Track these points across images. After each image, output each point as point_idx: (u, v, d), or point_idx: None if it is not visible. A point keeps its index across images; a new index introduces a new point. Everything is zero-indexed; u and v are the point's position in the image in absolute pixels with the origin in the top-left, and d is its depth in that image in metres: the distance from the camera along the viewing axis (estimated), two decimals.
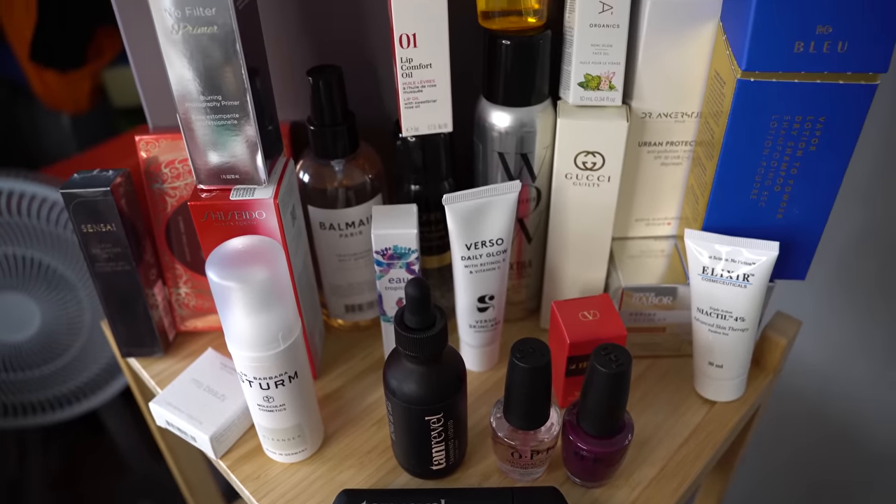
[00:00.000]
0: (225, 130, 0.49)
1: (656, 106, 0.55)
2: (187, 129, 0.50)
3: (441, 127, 0.54)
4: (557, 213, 0.58)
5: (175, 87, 0.48)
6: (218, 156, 0.51)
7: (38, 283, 1.03)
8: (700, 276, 0.54)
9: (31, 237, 1.01)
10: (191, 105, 0.49)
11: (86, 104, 1.64)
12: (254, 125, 0.49)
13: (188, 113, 0.49)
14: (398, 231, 0.53)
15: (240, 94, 0.48)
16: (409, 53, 0.51)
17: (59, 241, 1.01)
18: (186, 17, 0.45)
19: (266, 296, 0.46)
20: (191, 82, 0.48)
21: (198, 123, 0.49)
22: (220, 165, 0.51)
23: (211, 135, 0.50)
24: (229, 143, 0.50)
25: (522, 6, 0.52)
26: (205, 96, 0.48)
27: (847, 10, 0.46)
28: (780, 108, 0.49)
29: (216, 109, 0.49)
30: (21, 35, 1.48)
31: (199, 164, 0.51)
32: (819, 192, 0.53)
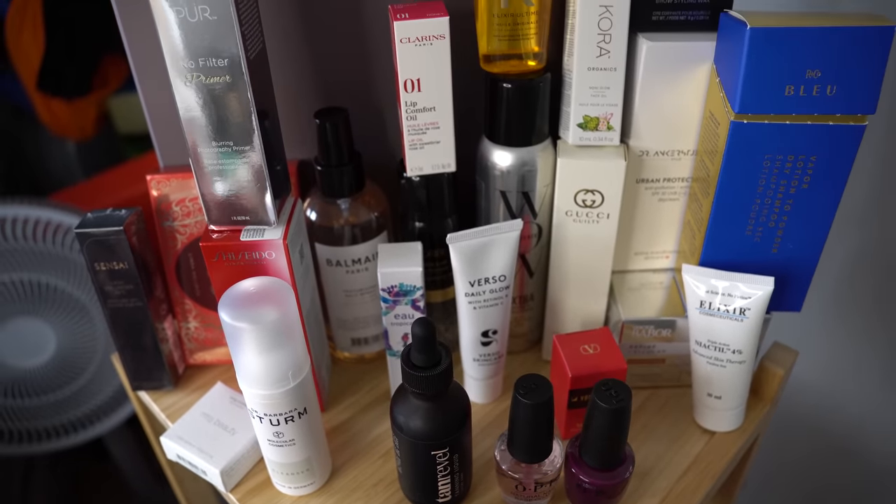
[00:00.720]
0: (236, 174, 0.51)
1: (653, 144, 0.57)
2: (199, 173, 0.51)
3: (445, 167, 0.56)
4: (558, 248, 0.59)
5: (187, 133, 0.49)
6: (229, 198, 0.52)
7: (53, 308, 1.04)
8: (698, 309, 0.55)
9: (44, 262, 1.02)
10: (203, 150, 0.50)
11: (91, 131, 1.65)
12: (264, 168, 0.51)
13: (200, 158, 0.51)
14: (403, 269, 0.54)
15: (250, 139, 0.50)
16: (413, 98, 0.53)
17: (72, 266, 1.03)
18: (200, 67, 0.47)
19: (277, 336, 0.47)
20: (203, 128, 0.49)
21: (209, 167, 0.51)
22: (231, 207, 0.53)
23: (222, 178, 0.51)
24: (240, 186, 0.52)
25: (523, 50, 0.53)
26: (216, 141, 0.50)
27: (835, 56, 0.47)
28: (773, 148, 0.51)
29: (227, 154, 0.50)
30: (28, 63, 1.50)
31: (210, 206, 0.53)
32: (812, 227, 0.54)
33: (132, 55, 0.58)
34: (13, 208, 1.01)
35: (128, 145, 1.75)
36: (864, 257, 0.88)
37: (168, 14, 0.45)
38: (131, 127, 1.70)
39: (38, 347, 1.06)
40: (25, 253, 1.01)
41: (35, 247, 1.02)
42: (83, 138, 1.66)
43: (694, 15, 0.54)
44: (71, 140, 1.69)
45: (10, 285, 1.01)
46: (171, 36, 0.46)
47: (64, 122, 1.60)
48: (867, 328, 0.91)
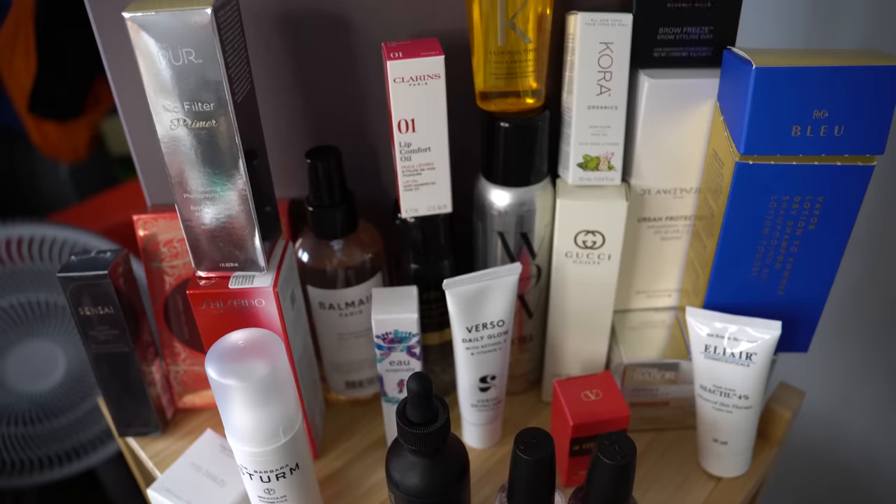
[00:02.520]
0: (223, 219, 0.49)
1: (655, 183, 0.55)
2: (185, 218, 0.49)
3: (440, 208, 0.54)
4: (558, 290, 0.57)
5: (173, 177, 0.48)
6: (216, 243, 0.50)
7: (60, 326, 1.02)
8: (702, 353, 0.54)
9: (46, 280, 1.01)
10: (188, 195, 0.48)
11: (84, 153, 1.64)
12: (252, 213, 0.49)
13: (186, 203, 0.49)
14: (399, 316, 0.53)
15: (238, 184, 0.48)
16: (407, 138, 0.51)
17: None
18: (185, 111, 0.45)
19: (266, 392, 0.45)
20: (188, 173, 0.47)
21: (196, 212, 0.49)
22: (219, 252, 0.51)
23: (208, 223, 0.49)
24: (227, 231, 0.50)
25: (520, 87, 0.52)
26: (202, 186, 0.48)
27: (842, 96, 0.46)
28: (779, 189, 0.49)
29: (214, 199, 0.48)
30: (20, 86, 1.49)
31: (197, 251, 0.51)
32: (819, 268, 0.53)
33: (118, 95, 0.56)
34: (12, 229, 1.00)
35: (121, 167, 1.74)
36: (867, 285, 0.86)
37: (151, 57, 0.43)
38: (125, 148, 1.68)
39: (48, 369, 1.04)
40: (27, 273, 1.00)
41: (36, 266, 1.00)
42: (76, 160, 1.65)
43: (696, 51, 0.52)
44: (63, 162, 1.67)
45: (18, 307, 1.00)
46: (155, 80, 0.44)
47: (56, 144, 1.59)
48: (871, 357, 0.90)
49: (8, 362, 1.01)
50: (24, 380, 1.03)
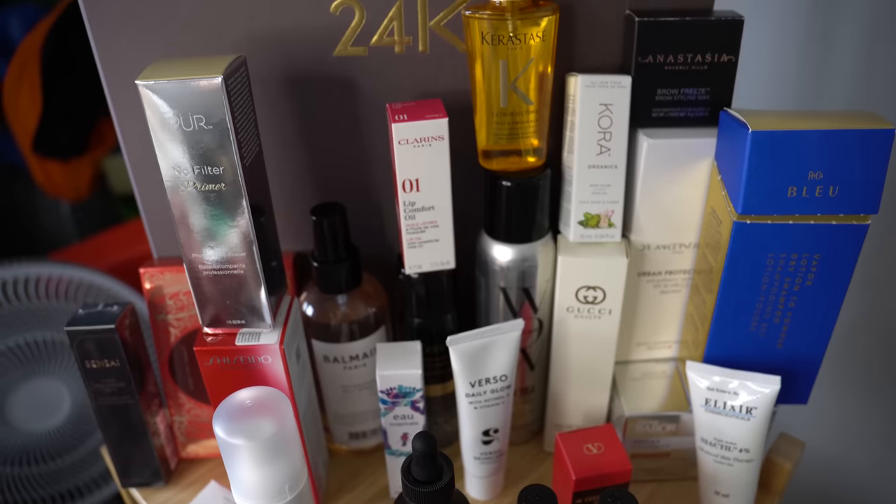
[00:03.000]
0: (231, 277, 0.50)
1: (655, 238, 0.56)
2: (193, 277, 0.50)
3: (444, 264, 0.55)
4: (559, 343, 0.58)
5: (182, 238, 0.49)
6: (223, 302, 0.51)
7: (65, 363, 1.03)
8: (703, 407, 0.54)
9: (51, 319, 1.01)
10: (197, 254, 0.49)
11: (86, 191, 1.65)
12: (259, 271, 0.50)
13: (195, 262, 0.50)
14: (403, 372, 0.53)
15: (246, 244, 0.49)
16: (412, 197, 0.52)
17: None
18: (195, 175, 0.46)
19: (274, 450, 0.46)
20: (198, 233, 0.48)
21: (204, 271, 0.50)
22: (226, 309, 0.52)
23: (217, 283, 0.50)
24: (235, 289, 0.51)
25: (522, 146, 0.53)
26: (211, 246, 0.49)
27: (837, 157, 0.47)
28: (776, 247, 0.50)
29: (222, 259, 0.49)
30: (24, 126, 1.50)
31: (204, 308, 0.52)
32: (817, 323, 0.53)
33: (128, 153, 0.57)
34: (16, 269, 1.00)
35: (123, 205, 1.75)
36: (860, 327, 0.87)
37: (163, 122, 0.44)
38: (127, 187, 1.69)
39: (54, 407, 1.04)
40: (32, 312, 1.00)
41: (41, 305, 1.01)
42: (78, 198, 1.66)
43: (693, 111, 0.53)
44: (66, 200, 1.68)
45: (24, 346, 1.00)
46: (166, 144, 0.45)
47: (59, 183, 1.60)
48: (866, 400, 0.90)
49: (14, 402, 1.02)
50: (30, 419, 1.03)
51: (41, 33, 1.44)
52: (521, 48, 0.49)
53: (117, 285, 1.07)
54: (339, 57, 0.53)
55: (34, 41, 1.44)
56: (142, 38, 0.52)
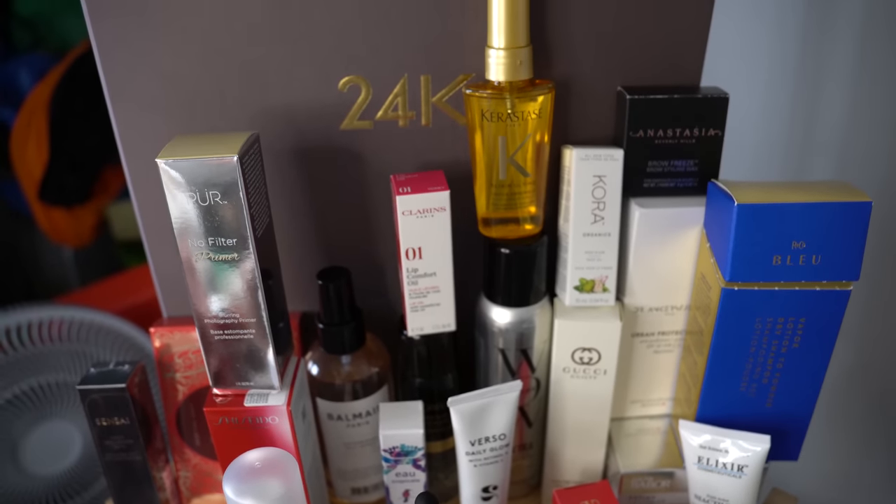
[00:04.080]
0: (241, 342, 0.52)
1: (647, 301, 0.59)
2: (205, 342, 0.52)
3: (445, 327, 0.57)
4: (556, 402, 0.60)
5: (195, 304, 0.51)
6: (233, 364, 0.53)
7: (75, 404, 1.04)
8: (696, 465, 0.56)
9: (58, 361, 1.03)
10: (210, 320, 0.51)
11: (89, 238, 1.67)
12: (268, 335, 0.52)
13: (207, 327, 0.52)
14: (405, 431, 0.55)
15: (256, 311, 0.51)
16: (414, 264, 0.54)
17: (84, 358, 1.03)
18: (209, 245, 0.49)
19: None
20: (211, 302, 0.51)
21: (216, 337, 0.52)
22: (235, 372, 0.54)
23: (227, 347, 0.52)
24: (244, 353, 0.53)
25: (520, 214, 0.56)
26: (224, 312, 0.51)
27: (818, 228, 0.49)
28: (763, 312, 0.52)
29: (233, 325, 0.52)
30: (31, 174, 1.52)
31: (215, 370, 0.54)
32: (805, 383, 0.55)
33: (143, 222, 0.59)
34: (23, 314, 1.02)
35: (125, 251, 1.77)
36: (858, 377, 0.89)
37: (181, 198, 0.47)
38: (129, 234, 1.71)
39: (65, 449, 1.05)
40: (41, 356, 1.02)
41: (50, 348, 1.02)
42: (81, 245, 1.68)
43: (683, 182, 0.56)
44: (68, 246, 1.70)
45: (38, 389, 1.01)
46: (183, 218, 0.48)
47: (62, 229, 1.62)
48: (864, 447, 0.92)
49: (27, 446, 1.02)
50: (43, 462, 1.04)
51: (50, 84, 1.47)
52: (518, 124, 0.52)
53: (126, 326, 1.08)
54: (346, 130, 0.56)
55: (43, 92, 1.47)
56: (161, 112, 0.55)
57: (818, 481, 0.95)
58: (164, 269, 0.62)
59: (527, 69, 0.52)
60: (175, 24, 0.52)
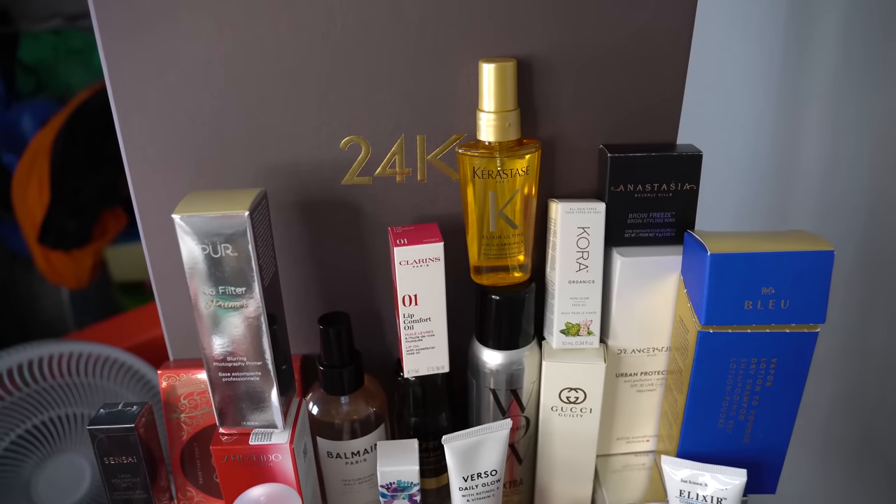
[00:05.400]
0: (248, 384, 0.55)
1: (630, 343, 0.62)
2: (215, 385, 0.55)
3: (439, 368, 0.61)
4: (545, 440, 0.63)
5: (206, 350, 0.54)
6: (239, 405, 0.56)
7: (82, 436, 1.05)
8: (678, 498, 0.59)
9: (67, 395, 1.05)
10: (219, 363, 0.55)
11: (87, 280, 1.69)
12: (273, 378, 0.55)
13: (216, 371, 0.55)
14: (401, 468, 0.58)
15: (262, 355, 0.54)
16: (410, 311, 0.58)
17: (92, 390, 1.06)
18: (219, 294, 0.52)
19: None
20: (219, 346, 0.54)
21: (223, 378, 0.55)
22: (242, 413, 0.57)
23: (234, 388, 0.56)
24: (251, 394, 0.56)
25: (509, 263, 0.59)
26: (232, 356, 0.54)
27: (786, 275, 0.53)
28: (737, 353, 0.56)
29: (240, 368, 0.55)
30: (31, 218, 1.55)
31: (222, 411, 0.57)
32: (779, 419, 0.59)
33: (153, 270, 0.63)
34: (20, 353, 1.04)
35: (122, 292, 1.79)
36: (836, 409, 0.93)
37: (194, 251, 0.51)
38: (126, 275, 1.74)
39: (75, 481, 1.07)
40: (42, 393, 1.04)
41: (55, 382, 1.05)
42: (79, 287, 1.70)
43: (661, 232, 0.60)
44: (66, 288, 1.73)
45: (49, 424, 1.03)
46: (195, 268, 0.51)
47: (61, 271, 1.65)
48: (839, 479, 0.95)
49: (38, 483, 1.04)
50: (56, 497, 1.05)
51: (52, 130, 1.51)
52: (507, 181, 0.56)
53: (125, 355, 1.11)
54: (346, 185, 0.60)
55: (45, 137, 1.51)
56: (173, 168, 0.59)
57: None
58: (172, 313, 0.65)
59: (515, 130, 0.56)
60: (189, 91, 0.56)
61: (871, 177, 0.85)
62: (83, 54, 1.67)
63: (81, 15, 1.64)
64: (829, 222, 0.89)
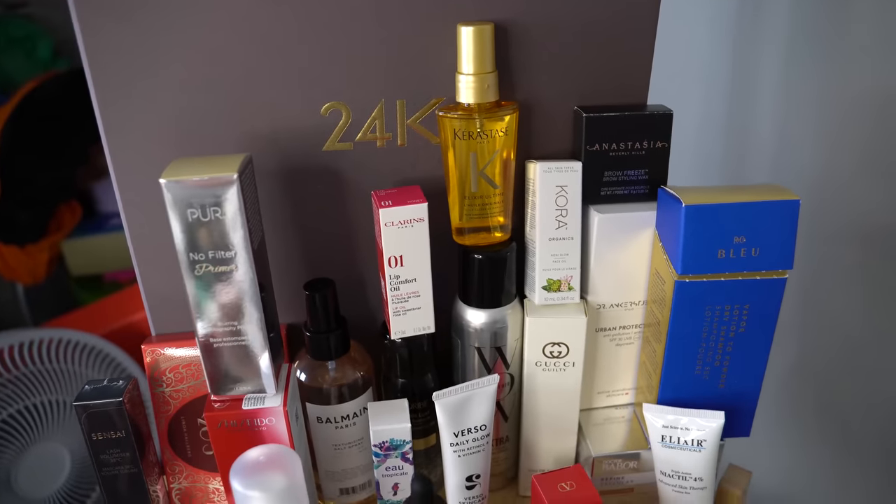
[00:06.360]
0: (239, 349, 0.56)
1: (608, 298, 0.65)
2: (207, 352, 0.56)
3: (425, 329, 0.62)
4: (530, 395, 0.65)
5: (196, 315, 0.54)
6: (232, 372, 0.57)
7: (62, 424, 1.04)
8: (660, 443, 0.62)
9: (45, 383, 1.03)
10: (210, 330, 0.55)
11: (43, 275, 1.66)
12: (265, 343, 0.56)
13: (207, 337, 0.55)
14: (394, 426, 0.59)
15: (253, 319, 0.55)
16: (396, 272, 0.59)
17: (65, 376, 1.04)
18: (209, 258, 0.53)
19: (286, 500, 0.51)
20: (210, 311, 0.54)
21: (216, 347, 0.56)
22: (233, 379, 0.57)
23: (227, 354, 0.56)
24: (242, 360, 0.56)
25: (490, 224, 0.61)
26: (222, 322, 0.55)
27: (756, 225, 0.56)
28: (712, 301, 0.59)
29: (232, 333, 0.55)
30: None
31: (214, 379, 0.57)
32: (751, 364, 0.62)
33: (132, 237, 0.62)
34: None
35: (79, 287, 1.76)
36: (800, 367, 0.97)
37: (183, 215, 0.51)
38: (84, 269, 1.71)
39: (56, 469, 1.05)
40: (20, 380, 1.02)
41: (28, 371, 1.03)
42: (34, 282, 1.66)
43: (635, 189, 0.62)
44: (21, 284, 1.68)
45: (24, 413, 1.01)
46: (185, 234, 0.51)
47: (14, 267, 1.61)
48: (812, 432, 0.99)
49: (19, 473, 1.02)
50: (37, 485, 1.04)
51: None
52: (487, 142, 0.58)
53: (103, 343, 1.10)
54: (327, 151, 0.61)
55: None
56: (152, 138, 0.59)
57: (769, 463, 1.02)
58: (154, 287, 0.65)
59: (494, 92, 0.57)
60: (168, 59, 0.56)
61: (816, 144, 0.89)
62: (26, 43, 1.63)
63: (20, 3, 1.60)
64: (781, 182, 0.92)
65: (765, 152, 0.96)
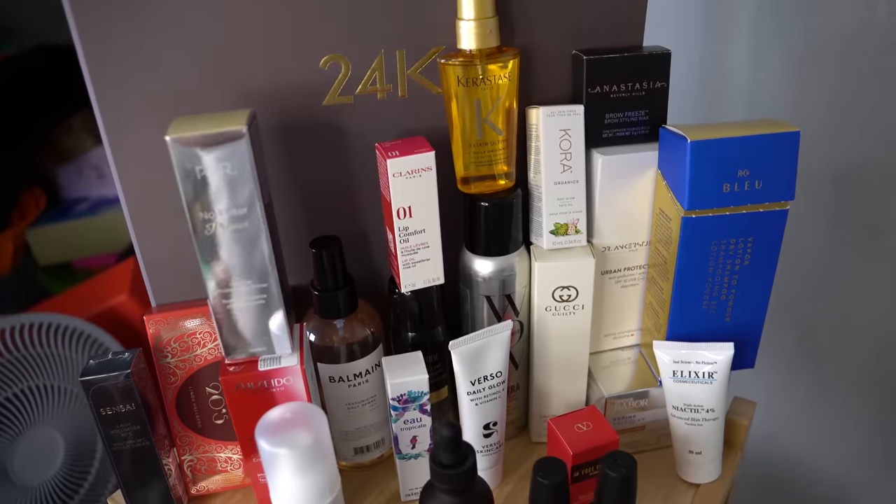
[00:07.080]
0: (255, 310, 0.55)
1: (613, 240, 0.65)
2: (220, 313, 0.55)
3: (434, 280, 0.62)
4: (540, 341, 0.66)
5: (209, 278, 0.53)
6: (248, 332, 0.56)
7: (55, 408, 1.02)
8: (671, 378, 0.63)
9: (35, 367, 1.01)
10: (222, 291, 0.54)
11: (8, 266, 1.61)
12: (279, 301, 0.55)
13: (220, 299, 0.55)
14: (411, 378, 0.59)
15: (267, 277, 0.54)
16: (405, 223, 0.59)
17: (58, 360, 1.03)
18: (220, 217, 0.52)
19: (313, 457, 0.51)
20: (222, 271, 0.54)
21: (230, 306, 0.55)
22: (249, 340, 0.57)
23: (242, 315, 0.55)
24: (256, 320, 0.56)
25: (495, 171, 0.61)
26: (235, 282, 0.54)
27: (759, 158, 0.57)
28: (718, 235, 0.60)
29: (246, 293, 0.55)
30: None
31: (229, 342, 0.56)
32: (756, 296, 0.63)
33: (128, 207, 0.61)
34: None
35: (47, 276, 1.71)
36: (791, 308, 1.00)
37: (191, 172, 0.50)
38: (52, 258, 1.67)
39: (50, 454, 1.04)
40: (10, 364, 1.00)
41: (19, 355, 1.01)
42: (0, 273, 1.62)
43: (636, 130, 0.63)
44: None
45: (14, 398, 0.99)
46: (193, 192, 0.50)
47: None
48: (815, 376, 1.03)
49: (14, 461, 1.00)
50: (33, 472, 1.02)
51: None
52: (491, 88, 0.57)
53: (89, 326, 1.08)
54: (328, 105, 0.60)
55: None
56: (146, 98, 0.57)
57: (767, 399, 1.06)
58: (153, 258, 0.64)
59: (495, 37, 0.57)
60: (160, 15, 0.54)
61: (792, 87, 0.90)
62: None
63: None
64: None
65: (740, 93, 0.97)
